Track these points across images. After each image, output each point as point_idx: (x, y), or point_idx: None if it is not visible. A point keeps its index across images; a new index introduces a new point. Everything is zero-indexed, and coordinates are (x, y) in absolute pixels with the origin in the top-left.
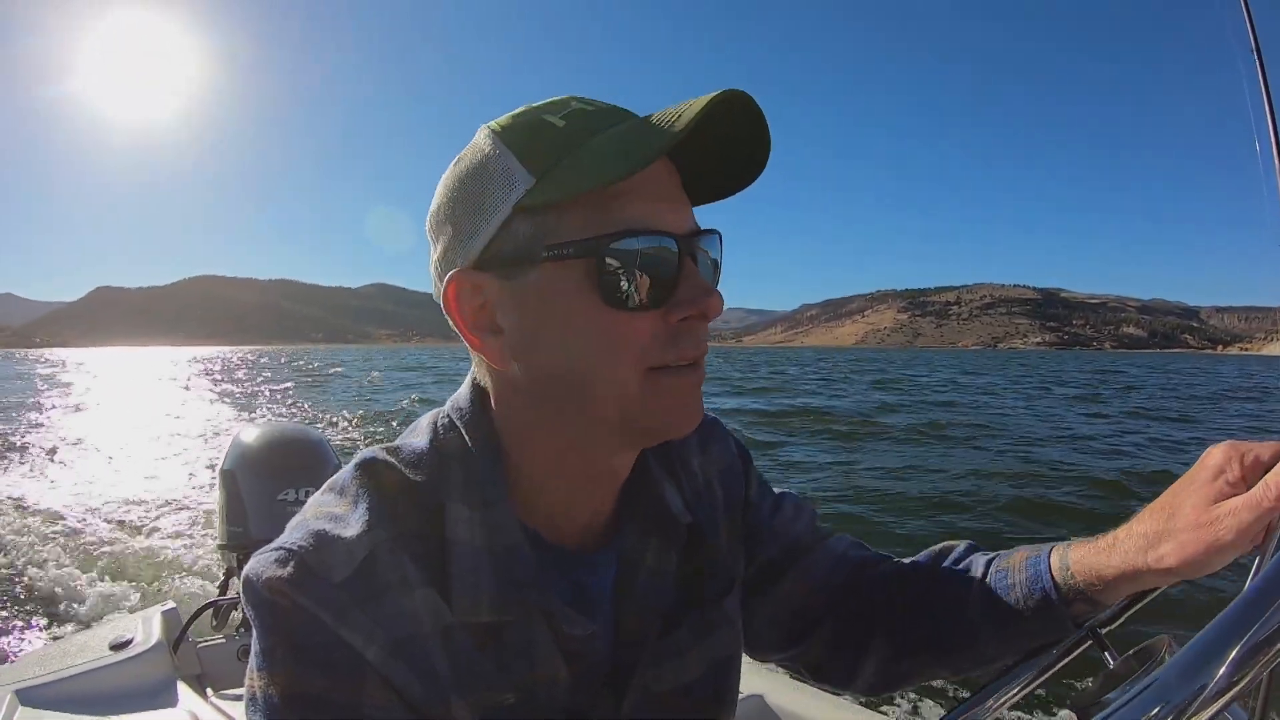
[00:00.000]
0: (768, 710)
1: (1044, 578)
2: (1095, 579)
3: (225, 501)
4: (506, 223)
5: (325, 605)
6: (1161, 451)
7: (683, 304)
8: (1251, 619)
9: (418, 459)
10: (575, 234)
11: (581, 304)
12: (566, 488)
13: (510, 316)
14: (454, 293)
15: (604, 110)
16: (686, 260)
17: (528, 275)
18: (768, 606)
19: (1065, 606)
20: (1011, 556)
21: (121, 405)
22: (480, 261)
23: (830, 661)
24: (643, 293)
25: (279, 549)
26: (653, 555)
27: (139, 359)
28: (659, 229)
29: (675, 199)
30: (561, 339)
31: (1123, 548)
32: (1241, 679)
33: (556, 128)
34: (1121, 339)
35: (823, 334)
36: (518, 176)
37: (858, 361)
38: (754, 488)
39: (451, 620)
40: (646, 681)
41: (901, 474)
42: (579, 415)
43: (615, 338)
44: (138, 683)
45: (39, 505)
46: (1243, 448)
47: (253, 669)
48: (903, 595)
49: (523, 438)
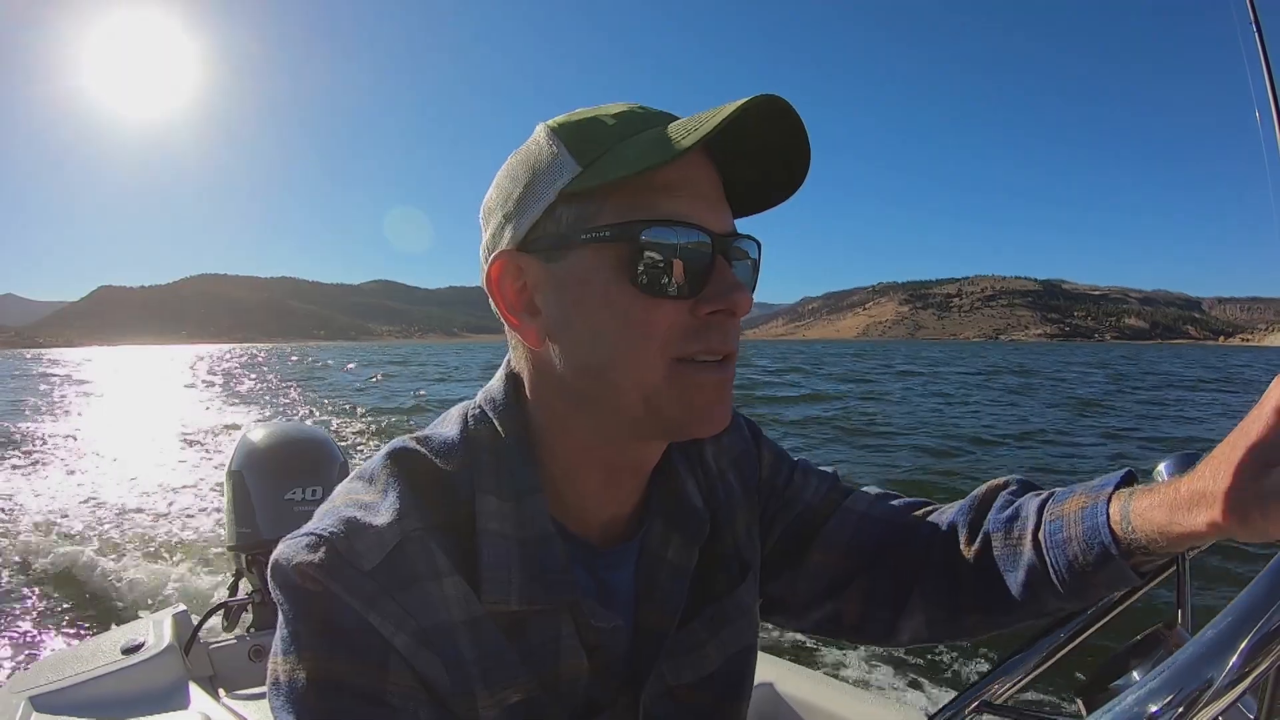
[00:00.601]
0: (778, 698)
1: (1102, 531)
2: (1156, 534)
3: (233, 502)
4: (551, 207)
5: (355, 592)
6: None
7: (712, 298)
8: (1263, 609)
9: (448, 449)
10: (613, 219)
11: (613, 287)
12: (595, 480)
13: (549, 298)
14: (497, 273)
15: (657, 114)
16: (719, 257)
17: (567, 258)
18: (796, 581)
19: (1125, 560)
20: (1067, 502)
21: (127, 405)
22: (524, 244)
23: (867, 620)
24: (674, 282)
25: (310, 534)
26: (674, 550)
27: (142, 358)
28: (695, 223)
29: (714, 200)
30: (592, 321)
31: (1181, 501)
32: (1254, 669)
33: (608, 125)
34: (1123, 330)
35: (824, 327)
36: (565, 165)
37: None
38: (767, 466)
39: (480, 611)
40: (665, 675)
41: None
42: (606, 401)
43: (642, 322)
44: (150, 686)
45: (46, 509)
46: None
47: (277, 653)
48: (945, 553)
49: (555, 427)
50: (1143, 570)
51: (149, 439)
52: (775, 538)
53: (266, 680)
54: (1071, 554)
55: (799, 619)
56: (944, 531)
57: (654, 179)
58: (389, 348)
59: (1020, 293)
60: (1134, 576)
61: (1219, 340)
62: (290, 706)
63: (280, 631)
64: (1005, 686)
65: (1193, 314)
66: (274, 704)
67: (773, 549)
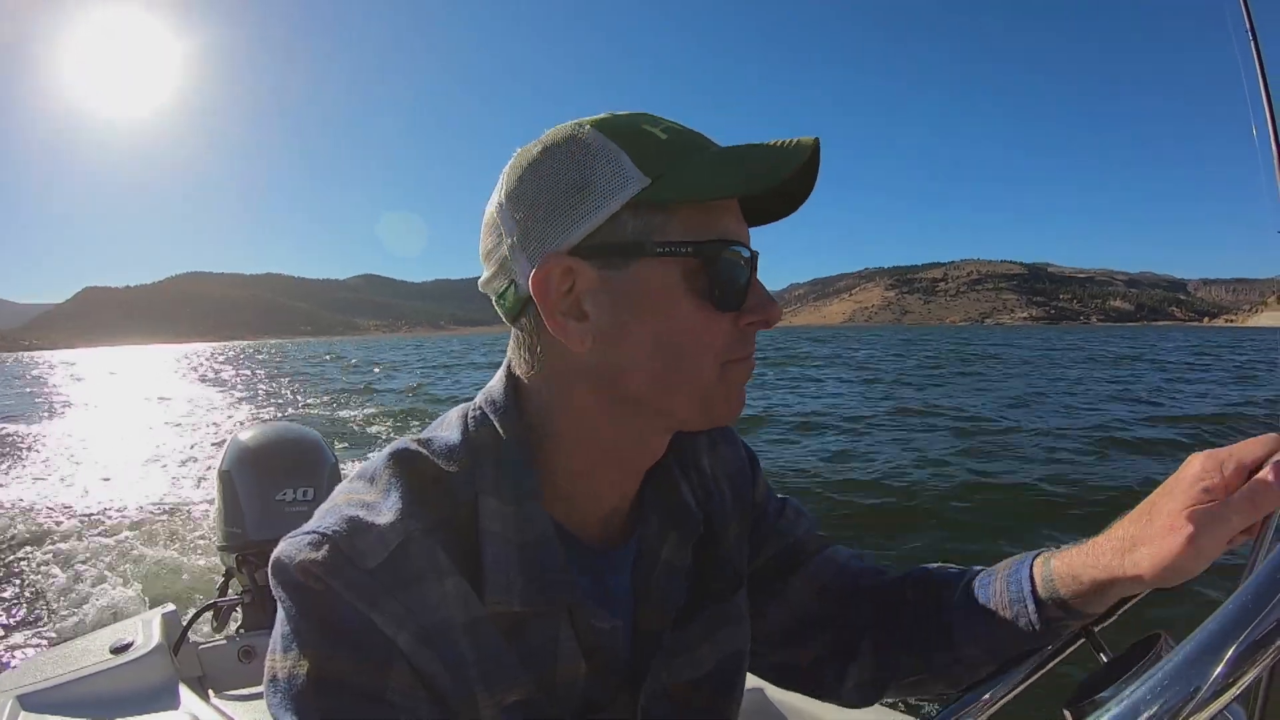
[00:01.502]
0: (768, 703)
1: (1024, 583)
2: (1075, 584)
3: (223, 503)
4: (614, 216)
5: (358, 590)
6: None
7: (752, 309)
8: (1249, 617)
9: (449, 451)
10: (683, 235)
11: (684, 300)
12: (606, 480)
13: (601, 304)
14: (544, 275)
15: (688, 131)
16: (753, 272)
17: (629, 267)
18: (771, 607)
19: (1040, 612)
20: (999, 564)
21: (113, 406)
22: (578, 249)
23: (820, 666)
24: (728, 296)
25: (312, 532)
26: (669, 549)
27: (128, 358)
28: (744, 242)
29: (743, 220)
30: (654, 329)
31: (1101, 551)
32: (1239, 678)
33: (660, 139)
34: (1108, 313)
35: (811, 313)
36: (630, 174)
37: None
38: (761, 489)
39: (480, 612)
40: (661, 675)
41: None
42: (659, 403)
43: (704, 331)
44: (139, 686)
45: (32, 508)
46: (1221, 455)
47: (275, 651)
48: (890, 602)
49: (575, 430)
50: (1056, 629)
51: (138, 438)
52: (762, 562)
53: (264, 678)
54: (993, 604)
55: (757, 656)
56: (893, 589)
57: (716, 200)
58: (377, 342)
59: (1006, 276)
60: (1045, 632)
61: (1203, 321)
62: (289, 704)
63: (279, 629)
64: (992, 700)
65: (1178, 296)
66: (271, 702)
67: (757, 572)
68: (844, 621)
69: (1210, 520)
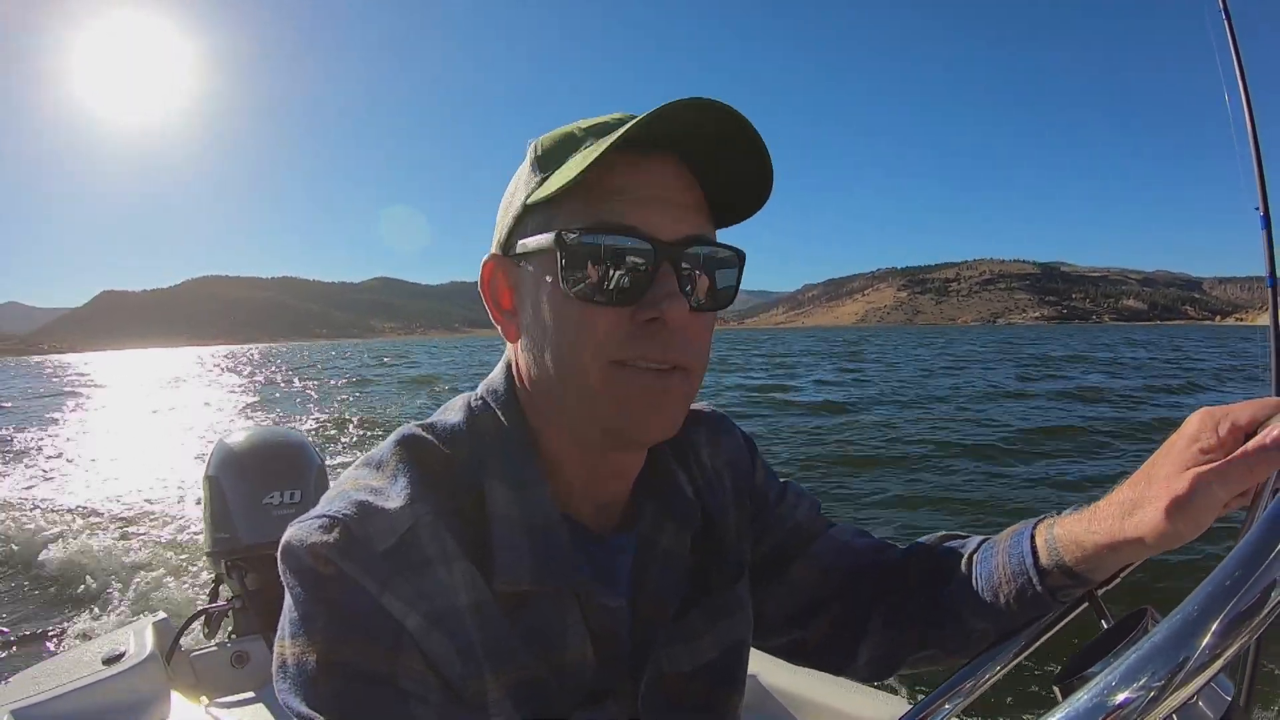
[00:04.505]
0: (763, 690)
1: (1026, 553)
2: (1078, 550)
3: (211, 507)
4: (519, 216)
5: (370, 573)
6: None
7: (646, 305)
8: (1235, 587)
9: (455, 437)
10: (560, 227)
11: (554, 292)
12: (581, 477)
13: (517, 300)
14: (485, 275)
15: (619, 122)
16: (664, 264)
17: (528, 264)
18: (776, 592)
19: (1043, 580)
20: (1002, 533)
21: (112, 412)
22: (504, 248)
23: (830, 645)
24: (606, 287)
25: (323, 516)
26: (668, 538)
27: (143, 361)
28: (637, 230)
29: (673, 203)
30: (542, 323)
31: (1103, 516)
32: (1226, 649)
33: (576, 136)
34: (1120, 312)
35: (824, 314)
36: (526, 176)
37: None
38: (760, 476)
39: (487, 595)
40: (662, 663)
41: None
42: (560, 401)
43: (576, 326)
44: (133, 696)
45: (24, 517)
46: (1218, 414)
47: (284, 636)
48: (899, 578)
49: (539, 420)
50: (1061, 596)
51: (130, 445)
52: (764, 548)
53: (273, 665)
54: (996, 575)
55: (766, 637)
56: (901, 564)
57: (604, 185)
58: (389, 344)
59: (1019, 276)
60: (1047, 601)
61: (1215, 320)
62: (299, 690)
63: (289, 614)
64: (993, 669)
65: (1192, 294)
66: (280, 688)
67: (759, 559)
68: (850, 601)
69: (1203, 485)
